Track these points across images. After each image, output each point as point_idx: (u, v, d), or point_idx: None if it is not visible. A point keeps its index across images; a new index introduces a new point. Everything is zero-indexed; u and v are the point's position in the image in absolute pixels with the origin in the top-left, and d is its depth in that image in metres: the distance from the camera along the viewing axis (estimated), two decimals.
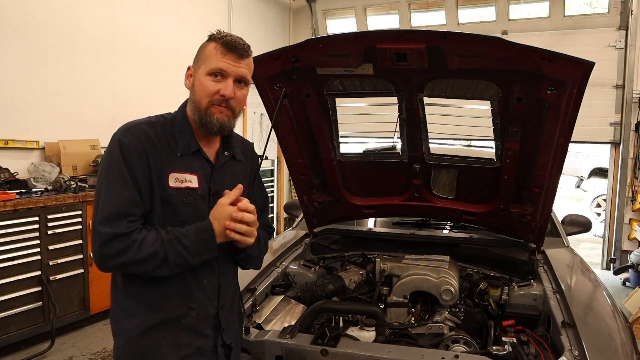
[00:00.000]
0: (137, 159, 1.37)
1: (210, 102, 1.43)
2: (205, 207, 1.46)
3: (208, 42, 1.46)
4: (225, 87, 1.42)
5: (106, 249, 1.32)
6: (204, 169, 1.49)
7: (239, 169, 1.61)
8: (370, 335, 1.93)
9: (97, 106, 4.75)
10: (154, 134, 1.42)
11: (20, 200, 3.51)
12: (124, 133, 1.40)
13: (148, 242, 1.34)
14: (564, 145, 2.07)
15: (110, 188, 1.36)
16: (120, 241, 1.31)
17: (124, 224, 1.33)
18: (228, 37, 1.44)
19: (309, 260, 2.80)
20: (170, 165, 1.43)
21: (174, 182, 1.42)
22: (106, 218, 1.33)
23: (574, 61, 1.77)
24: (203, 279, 1.50)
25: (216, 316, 1.55)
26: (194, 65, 1.48)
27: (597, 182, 10.57)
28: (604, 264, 6.64)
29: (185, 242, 1.36)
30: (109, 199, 1.35)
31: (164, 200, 1.41)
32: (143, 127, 1.43)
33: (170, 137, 1.46)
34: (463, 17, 6.98)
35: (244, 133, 7.08)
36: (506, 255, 2.64)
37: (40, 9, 4.22)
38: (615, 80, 6.17)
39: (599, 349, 1.69)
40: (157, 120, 1.48)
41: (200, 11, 6.08)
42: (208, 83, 1.42)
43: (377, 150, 2.91)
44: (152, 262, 1.34)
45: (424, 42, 1.89)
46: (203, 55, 1.45)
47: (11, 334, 3.49)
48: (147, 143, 1.40)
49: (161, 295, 1.44)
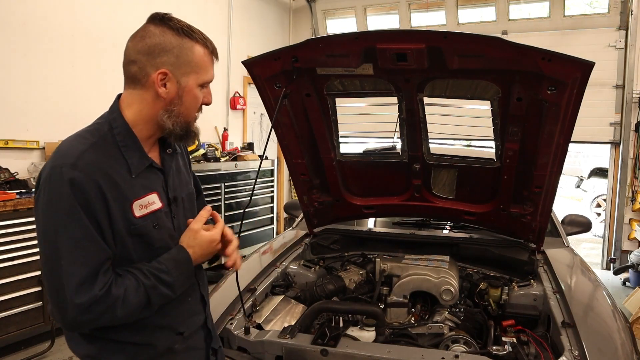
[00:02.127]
0: (94, 199, 1.14)
1: (197, 113, 1.33)
2: (169, 223, 1.34)
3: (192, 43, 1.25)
4: (208, 96, 1.33)
5: (85, 315, 1.14)
6: (158, 181, 1.33)
7: (179, 162, 1.46)
8: (370, 335, 1.93)
9: (97, 106, 4.64)
10: (102, 160, 1.18)
11: (20, 200, 3.51)
12: (70, 170, 1.12)
13: (130, 295, 1.18)
14: (564, 145, 2.07)
15: (72, 246, 1.12)
16: (101, 303, 1.14)
17: (100, 279, 1.15)
18: (209, 41, 1.30)
19: (309, 260, 2.80)
20: (131, 193, 1.23)
21: (139, 210, 1.24)
22: (79, 284, 1.11)
23: (574, 61, 1.77)
24: (187, 297, 1.42)
25: (204, 326, 1.51)
26: (173, 69, 1.23)
27: (597, 182, 10.55)
28: (604, 264, 6.63)
29: (167, 280, 1.25)
30: (76, 260, 1.12)
31: (134, 233, 1.23)
32: (89, 155, 1.16)
33: (118, 156, 1.22)
34: (463, 17, 6.98)
35: (244, 133, 7.08)
36: (506, 255, 2.64)
37: (40, 9, 4.21)
38: (615, 80, 6.16)
39: (599, 349, 1.69)
40: (97, 137, 1.22)
41: (200, 11, 6.08)
42: (199, 94, 1.29)
43: (377, 150, 2.91)
44: (136, 312, 1.22)
45: (424, 42, 1.89)
46: (192, 61, 1.25)
47: (11, 334, 3.49)
48: (99, 177, 1.16)
49: (147, 333, 1.32)
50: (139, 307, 1.22)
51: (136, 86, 1.26)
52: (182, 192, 1.44)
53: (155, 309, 1.28)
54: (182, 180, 1.44)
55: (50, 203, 1.13)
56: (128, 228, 1.22)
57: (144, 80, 1.24)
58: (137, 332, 1.30)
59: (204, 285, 1.52)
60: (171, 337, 1.37)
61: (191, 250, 1.31)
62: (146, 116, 1.27)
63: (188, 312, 1.43)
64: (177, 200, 1.38)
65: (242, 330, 1.86)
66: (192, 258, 1.31)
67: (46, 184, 1.15)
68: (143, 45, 1.23)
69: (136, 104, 1.27)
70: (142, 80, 1.24)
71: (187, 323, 1.42)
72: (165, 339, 1.35)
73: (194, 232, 1.33)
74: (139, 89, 1.26)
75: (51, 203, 1.13)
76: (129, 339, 1.29)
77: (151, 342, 1.33)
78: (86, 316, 1.14)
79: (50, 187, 1.14)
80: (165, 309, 1.33)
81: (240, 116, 6.98)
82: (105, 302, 1.15)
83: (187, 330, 1.41)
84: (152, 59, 1.22)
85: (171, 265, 1.27)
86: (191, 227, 1.34)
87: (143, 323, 1.29)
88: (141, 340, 1.31)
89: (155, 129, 1.30)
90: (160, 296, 1.25)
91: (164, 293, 1.25)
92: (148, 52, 1.22)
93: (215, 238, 1.35)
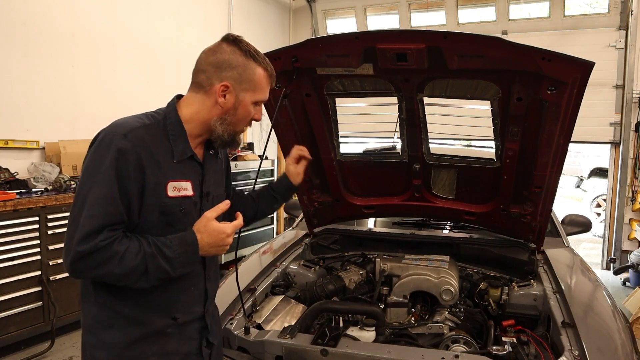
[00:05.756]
0: (132, 170, 1.28)
1: (246, 126, 1.50)
2: (196, 213, 1.45)
3: (255, 65, 1.41)
4: (258, 113, 1.50)
5: (82, 262, 1.24)
6: (196, 174, 1.47)
7: (218, 166, 1.62)
8: (370, 335, 1.93)
9: (97, 106, 4.74)
10: (150, 140, 1.34)
11: (20, 200, 3.51)
12: (120, 139, 1.28)
13: (129, 255, 1.27)
14: (564, 145, 2.07)
15: (95, 202, 1.25)
16: (100, 253, 1.24)
17: (104, 233, 1.25)
18: (270, 66, 1.46)
19: (309, 260, 2.80)
20: (169, 174, 1.37)
21: (172, 191, 1.37)
22: (86, 234, 1.23)
23: (574, 61, 1.77)
24: (190, 286, 1.49)
25: (202, 319, 1.55)
26: (235, 84, 1.40)
27: (597, 182, 10.56)
28: (604, 264, 6.64)
29: (168, 254, 1.31)
30: (93, 214, 1.25)
31: (161, 210, 1.36)
32: (140, 132, 1.33)
33: (165, 141, 1.38)
34: (463, 17, 6.98)
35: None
36: (506, 255, 2.64)
37: (40, 9, 4.22)
38: (615, 80, 6.17)
39: (599, 349, 1.69)
40: (150, 121, 1.39)
41: (200, 11, 6.08)
42: (251, 110, 1.46)
43: (377, 150, 2.91)
44: (132, 276, 1.29)
45: (424, 42, 1.89)
46: (252, 80, 1.42)
47: (11, 334, 3.49)
48: (144, 151, 1.31)
49: (141, 310, 1.39)
50: (135, 271, 1.28)
51: (200, 91, 1.42)
52: (214, 192, 1.56)
53: (152, 283, 1.33)
54: (217, 181, 1.58)
55: (95, 161, 1.29)
56: (158, 204, 1.35)
57: (207, 88, 1.41)
58: (134, 307, 1.38)
59: (211, 281, 1.57)
60: (165, 320, 1.43)
61: (199, 235, 1.37)
62: (201, 118, 1.43)
63: (188, 301, 1.49)
64: (208, 196, 1.51)
65: (242, 330, 1.86)
66: (198, 243, 1.36)
67: (97, 146, 1.30)
68: (214, 58, 1.40)
69: (196, 106, 1.43)
70: (206, 88, 1.41)
71: (184, 311, 1.48)
72: (158, 320, 1.42)
73: (206, 219, 1.39)
74: (201, 94, 1.42)
75: (95, 162, 1.28)
76: (125, 311, 1.37)
77: (144, 321, 1.40)
78: (83, 262, 1.24)
79: (99, 149, 1.29)
80: (167, 290, 1.41)
81: None
82: (104, 254, 1.24)
83: (182, 318, 1.47)
84: (219, 72, 1.39)
85: (175, 242, 1.34)
86: (205, 215, 1.40)
87: (143, 300, 1.39)
88: (136, 316, 1.39)
89: (205, 130, 1.45)
90: (157, 268, 1.30)
91: (161, 266, 1.31)
92: (217, 65, 1.40)
93: (224, 230, 1.39)
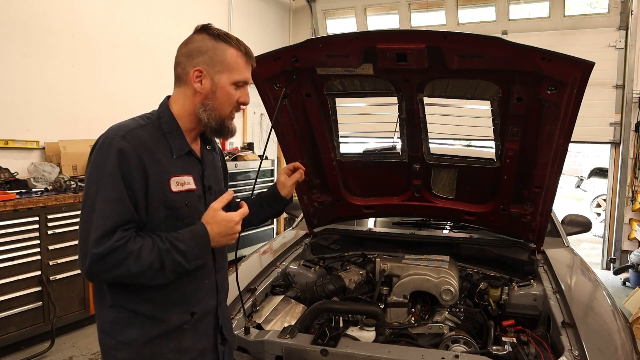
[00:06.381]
0: (134, 169, 1.32)
1: (232, 110, 1.48)
2: (202, 207, 1.48)
3: (225, 46, 1.42)
4: (245, 96, 1.49)
5: (100, 264, 1.27)
6: (196, 168, 1.50)
7: (216, 162, 1.65)
8: (370, 335, 1.93)
9: (97, 106, 4.74)
10: (148, 139, 1.38)
11: (20, 200, 3.51)
12: (119, 141, 1.32)
13: (145, 253, 1.30)
14: (564, 145, 2.07)
15: (105, 203, 1.29)
16: (116, 254, 1.27)
17: (118, 234, 1.29)
18: (243, 45, 1.47)
19: (309, 260, 2.80)
20: (171, 170, 1.41)
21: (175, 186, 1.41)
22: (100, 236, 1.26)
23: (574, 61, 1.77)
24: (204, 279, 1.52)
25: (215, 314, 1.57)
26: (207, 67, 1.41)
27: (597, 182, 10.56)
28: (604, 264, 6.63)
29: (182, 248, 1.35)
30: (104, 215, 1.28)
31: (167, 206, 1.39)
32: (137, 132, 1.37)
33: (163, 139, 1.42)
34: (463, 17, 6.98)
35: (244, 133, 7.08)
36: (506, 255, 2.64)
37: (40, 9, 4.22)
38: (615, 80, 6.17)
39: (599, 349, 1.69)
40: (146, 122, 1.43)
41: (200, 11, 6.08)
42: (233, 92, 1.46)
43: (377, 150, 2.91)
44: (149, 273, 1.32)
45: (424, 42, 1.89)
46: (224, 61, 1.42)
47: (11, 334, 3.49)
48: (143, 150, 1.35)
49: (159, 307, 1.42)
50: (152, 267, 1.31)
51: (180, 84, 1.46)
52: (216, 187, 1.59)
53: (169, 278, 1.36)
54: (216, 177, 1.61)
55: (98, 165, 1.32)
56: (164, 200, 1.38)
57: (184, 78, 1.44)
58: (152, 306, 1.41)
59: (220, 273, 1.60)
60: (184, 316, 1.46)
61: (209, 226, 1.40)
62: (188, 110, 1.46)
63: (202, 294, 1.52)
64: (210, 190, 1.54)
65: (242, 330, 1.86)
66: (209, 234, 1.39)
67: (98, 150, 1.34)
68: (186, 49, 1.44)
69: (180, 100, 1.46)
70: (184, 78, 1.45)
71: (201, 304, 1.51)
72: (177, 316, 1.45)
73: (214, 210, 1.41)
74: (182, 87, 1.46)
75: (98, 165, 1.32)
76: (143, 310, 1.40)
77: (164, 318, 1.43)
78: (101, 265, 1.27)
79: (100, 153, 1.33)
80: (181, 285, 1.44)
81: (240, 116, 6.98)
82: (120, 254, 1.27)
83: (200, 312, 1.50)
84: (191, 59, 1.42)
85: (187, 236, 1.37)
86: (212, 206, 1.43)
87: (161, 299, 1.42)
88: (154, 314, 1.41)
89: (195, 122, 1.47)
90: (173, 262, 1.34)
91: (176, 260, 1.34)
92: (189, 54, 1.43)
93: (232, 218, 1.42)
